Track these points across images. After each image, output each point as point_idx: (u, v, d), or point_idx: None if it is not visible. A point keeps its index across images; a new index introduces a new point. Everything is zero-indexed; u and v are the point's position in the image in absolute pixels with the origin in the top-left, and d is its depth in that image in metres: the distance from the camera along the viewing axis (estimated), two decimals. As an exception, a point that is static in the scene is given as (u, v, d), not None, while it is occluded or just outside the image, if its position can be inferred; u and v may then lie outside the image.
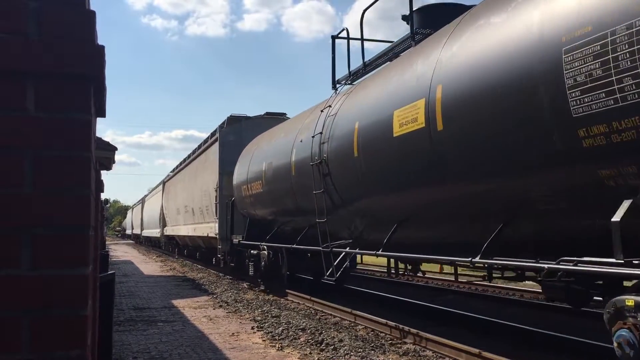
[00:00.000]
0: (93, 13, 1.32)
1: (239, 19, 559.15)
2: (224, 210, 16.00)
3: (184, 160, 26.51)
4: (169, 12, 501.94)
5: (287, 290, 12.46)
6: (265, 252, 12.66)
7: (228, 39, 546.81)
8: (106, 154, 11.04)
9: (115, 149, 11.58)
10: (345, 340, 7.35)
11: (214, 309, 10.66)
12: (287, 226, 12.05)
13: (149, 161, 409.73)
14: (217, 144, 17.60)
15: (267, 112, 18.34)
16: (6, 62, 1.23)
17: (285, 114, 18.05)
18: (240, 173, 14.29)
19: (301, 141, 10.11)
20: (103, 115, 1.61)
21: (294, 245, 10.92)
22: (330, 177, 8.72)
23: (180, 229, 25.28)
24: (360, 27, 9.24)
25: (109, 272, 4.96)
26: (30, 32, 1.26)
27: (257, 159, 13.09)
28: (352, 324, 8.73)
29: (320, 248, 9.44)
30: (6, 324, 1.21)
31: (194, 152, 23.92)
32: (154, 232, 37.72)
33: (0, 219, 1.22)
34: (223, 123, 18.25)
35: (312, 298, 11.02)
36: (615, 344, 3.98)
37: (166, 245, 33.24)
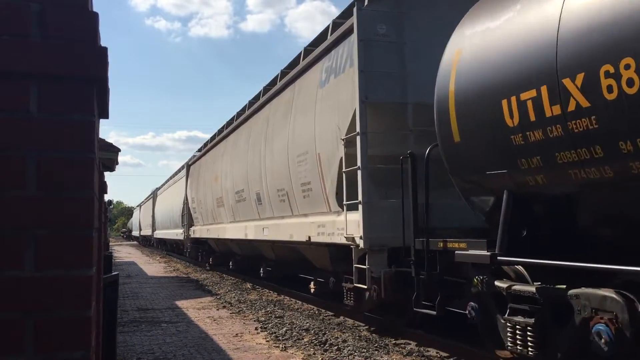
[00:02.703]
0: (96, 14, 1.33)
1: (242, 20, 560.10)
2: (385, 184, 7.62)
3: (229, 122, 17.35)
4: (172, 13, 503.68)
5: None
6: None
7: (231, 40, 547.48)
8: (109, 155, 11.06)
9: (119, 150, 11.61)
10: (349, 340, 7.34)
11: (217, 309, 10.67)
12: None
13: (153, 162, 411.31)
14: (345, 45, 8.40)
15: None
16: (9, 63, 1.23)
17: None
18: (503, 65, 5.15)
19: None
20: (106, 116, 1.62)
21: None
22: None
23: (225, 229, 16.29)
24: None
25: (113, 273, 4.98)
26: (33, 34, 1.26)
27: None
28: (356, 324, 8.71)
29: None
30: (10, 325, 1.21)
31: (251, 102, 14.82)
32: (173, 234, 27.83)
33: (4, 220, 1.22)
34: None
35: None
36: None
37: (193, 252, 23.55)
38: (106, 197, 9.13)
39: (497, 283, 5.44)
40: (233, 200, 15.09)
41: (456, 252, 5.83)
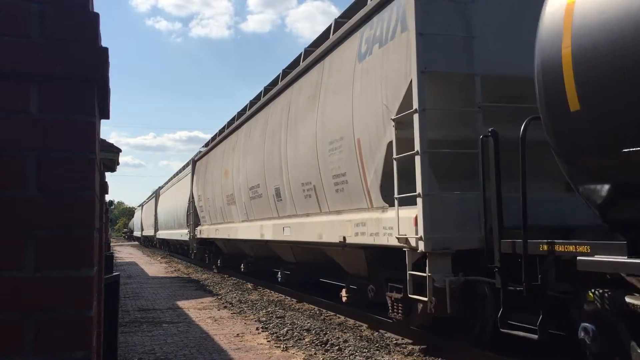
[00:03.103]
0: (97, 15, 1.33)
1: (242, 20, 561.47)
2: (449, 172, 6.50)
3: (240, 113, 15.94)
4: (173, 14, 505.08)
5: None
6: None
7: (232, 41, 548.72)
8: (110, 156, 11.06)
9: (120, 150, 11.60)
10: (350, 340, 7.34)
11: (218, 309, 10.68)
12: None
13: (154, 162, 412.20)
14: (394, 7, 7.04)
15: None
16: (10, 64, 1.23)
17: None
18: None
19: None
20: (107, 117, 1.62)
21: None
22: None
23: (237, 228, 14.73)
24: None
25: (114, 274, 4.99)
26: (34, 35, 1.26)
27: None
28: (357, 324, 8.71)
29: None
30: (10, 325, 1.21)
31: (267, 89, 13.19)
32: (178, 234, 26.42)
33: (4, 221, 1.22)
34: None
35: None
36: None
37: (199, 253, 22.03)
38: (107, 198, 9.13)
39: (629, 300, 4.09)
40: (246, 197, 13.50)
41: (578, 258, 4.40)
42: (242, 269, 16.21)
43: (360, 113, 7.63)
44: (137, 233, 60.17)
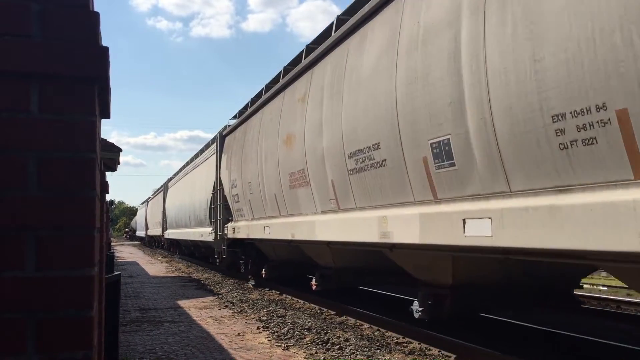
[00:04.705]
0: (97, 14, 1.32)
1: (243, 20, 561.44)
2: None
3: (310, 47, 9.97)
4: (174, 13, 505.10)
5: None
6: None
7: (233, 40, 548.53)
8: (111, 155, 11.06)
9: (120, 150, 11.58)
10: (351, 339, 7.34)
11: (219, 309, 10.68)
12: None
13: (154, 162, 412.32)
14: None
15: None
16: (10, 64, 1.23)
17: None
18: None
19: None
20: (108, 116, 1.61)
21: None
22: None
23: (313, 224, 8.95)
24: None
25: (115, 273, 4.99)
26: (34, 34, 1.26)
27: None
28: (358, 324, 8.71)
29: None
30: (12, 325, 1.21)
31: None
32: (196, 234, 20.30)
33: (5, 221, 1.22)
34: None
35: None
36: None
37: (229, 258, 15.80)
38: (108, 197, 9.13)
39: None
40: (339, 170, 7.84)
41: None
42: (315, 287, 10.41)
43: None
44: (140, 233, 53.38)
